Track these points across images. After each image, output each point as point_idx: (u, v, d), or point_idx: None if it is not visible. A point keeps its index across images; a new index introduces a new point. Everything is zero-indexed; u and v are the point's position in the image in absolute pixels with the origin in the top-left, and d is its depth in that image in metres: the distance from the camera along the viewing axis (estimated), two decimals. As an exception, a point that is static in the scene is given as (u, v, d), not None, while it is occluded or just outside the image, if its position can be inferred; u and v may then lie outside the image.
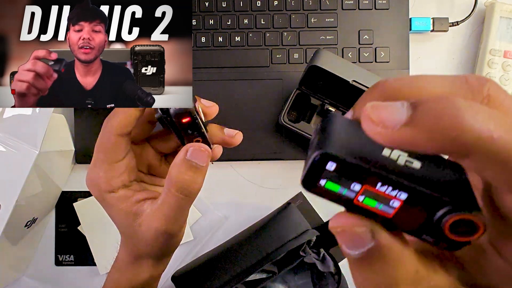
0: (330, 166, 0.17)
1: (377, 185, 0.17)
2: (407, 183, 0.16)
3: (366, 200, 0.17)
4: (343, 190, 0.17)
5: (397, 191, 0.17)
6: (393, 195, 0.17)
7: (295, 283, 0.61)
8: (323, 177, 0.17)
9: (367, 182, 0.17)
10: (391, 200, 0.17)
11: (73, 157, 0.64)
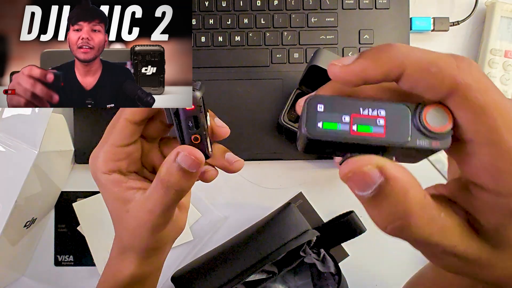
0: (320, 108, 0.21)
1: (360, 110, 0.21)
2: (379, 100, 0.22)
3: (359, 127, 0.21)
4: (338, 125, 0.21)
5: (376, 110, 0.21)
6: (375, 114, 0.21)
7: (295, 283, 0.60)
8: (319, 120, 0.21)
9: (352, 111, 0.21)
10: (376, 120, 0.21)
11: (72, 157, 0.63)
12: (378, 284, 0.64)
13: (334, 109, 0.21)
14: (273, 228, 0.55)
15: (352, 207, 0.62)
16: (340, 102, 0.21)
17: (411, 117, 0.21)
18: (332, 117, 0.21)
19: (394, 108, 0.21)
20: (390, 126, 0.21)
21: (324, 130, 0.21)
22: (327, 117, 0.21)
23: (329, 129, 0.21)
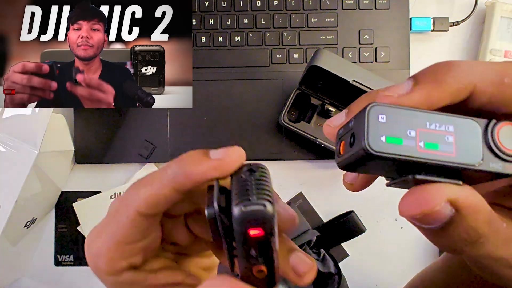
0: (381, 119, 0.18)
1: (427, 125, 0.18)
2: (447, 114, 0.19)
3: (427, 144, 0.18)
4: (404, 141, 0.18)
5: (444, 125, 0.18)
6: (443, 130, 0.18)
7: (295, 283, 0.60)
8: (381, 133, 0.18)
9: (418, 124, 0.18)
10: (445, 136, 0.18)
11: (72, 157, 0.63)
12: (378, 284, 0.64)
13: (398, 121, 0.18)
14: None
15: (352, 207, 0.62)
16: (404, 113, 0.18)
17: (482, 135, 0.19)
18: (396, 130, 0.18)
19: (462, 123, 0.19)
20: (460, 144, 0.18)
21: (388, 145, 0.18)
22: (391, 131, 0.18)
23: (394, 144, 0.18)
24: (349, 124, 0.20)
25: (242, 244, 0.20)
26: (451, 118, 0.19)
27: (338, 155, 0.21)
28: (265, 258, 0.21)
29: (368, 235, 0.59)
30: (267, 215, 0.19)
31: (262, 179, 0.21)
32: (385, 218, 0.65)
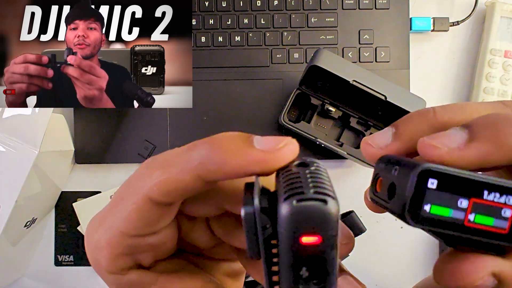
0: (431, 184, 0.15)
1: (484, 194, 0.16)
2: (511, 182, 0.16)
3: (477, 217, 0.16)
4: (451, 211, 0.16)
5: (505, 196, 0.16)
6: (503, 202, 0.16)
7: (295, 283, 0.60)
8: (426, 201, 0.15)
9: (473, 193, 0.16)
10: (502, 209, 0.16)
11: (72, 157, 0.63)
12: (378, 284, 0.64)
13: (450, 187, 0.15)
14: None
15: (352, 207, 0.62)
16: (459, 178, 0.15)
17: None
18: (446, 199, 0.15)
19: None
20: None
21: (430, 216, 0.16)
22: (439, 199, 0.15)
23: (438, 215, 0.16)
24: (391, 171, 0.17)
25: (288, 258, 0.15)
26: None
27: (374, 191, 0.18)
28: (320, 282, 0.15)
29: (368, 235, 0.59)
30: (329, 214, 0.14)
31: (319, 172, 0.16)
32: (385, 218, 0.65)
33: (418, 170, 0.15)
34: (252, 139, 0.18)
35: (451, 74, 0.66)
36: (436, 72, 0.66)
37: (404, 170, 0.16)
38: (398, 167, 0.16)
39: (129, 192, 0.19)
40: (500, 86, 0.62)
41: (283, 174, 0.17)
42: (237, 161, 0.17)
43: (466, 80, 0.66)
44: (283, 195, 0.15)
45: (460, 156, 0.16)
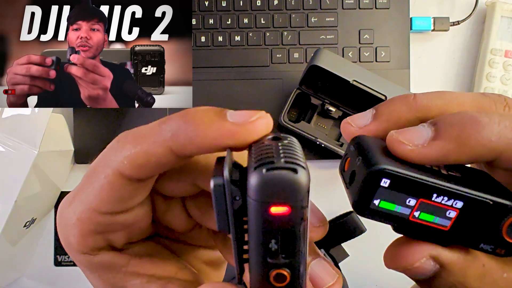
0: (384, 183, 0.16)
1: (433, 197, 0.16)
2: (464, 190, 0.16)
3: (422, 215, 0.17)
4: (398, 208, 0.16)
5: (453, 200, 0.16)
6: (449, 205, 0.16)
7: (295, 283, 0.60)
8: (377, 197, 0.16)
9: (422, 195, 0.16)
10: (447, 210, 0.16)
11: (72, 157, 0.63)
12: (378, 284, 0.64)
13: (402, 187, 0.16)
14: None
15: (352, 207, 0.62)
16: (413, 180, 0.16)
17: (492, 217, 0.16)
18: (396, 197, 0.16)
19: (477, 203, 0.16)
20: (460, 222, 0.17)
21: (378, 209, 0.16)
22: (389, 196, 0.16)
23: (386, 208, 0.16)
24: (356, 160, 0.17)
25: (258, 230, 0.15)
26: (467, 194, 0.16)
27: (342, 168, 0.19)
28: (289, 256, 0.15)
29: (368, 235, 0.59)
30: (298, 183, 0.14)
31: (292, 145, 0.16)
32: (385, 218, 0.64)
33: (372, 169, 0.16)
34: (225, 112, 0.19)
35: (452, 74, 0.66)
36: (436, 72, 0.66)
37: (363, 164, 0.16)
38: (361, 158, 0.17)
39: (100, 167, 0.18)
40: (501, 86, 0.62)
41: (255, 147, 0.16)
42: (209, 134, 0.17)
43: (466, 80, 0.66)
44: (253, 164, 0.15)
45: (423, 154, 0.16)
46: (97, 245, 0.20)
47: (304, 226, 0.15)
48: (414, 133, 0.17)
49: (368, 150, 0.17)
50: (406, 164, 0.17)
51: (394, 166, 0.16)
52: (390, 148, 0.17)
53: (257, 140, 0.17)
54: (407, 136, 0.17)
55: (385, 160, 0.16)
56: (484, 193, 0.16)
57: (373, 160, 0.16)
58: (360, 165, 0.17)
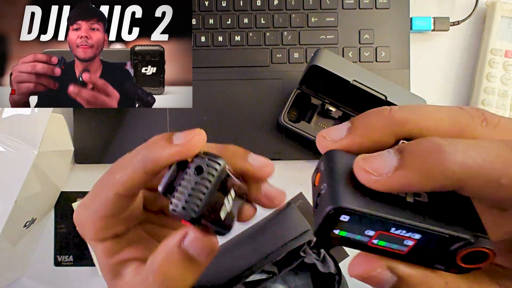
0: (343, 218, 0.17)
1: (391, 229, 0.17)
2: (421, 226, 0.17)
3: (380, 242, 0.18)
4: (356, 237, 0.18)
5: (411, 233, 0.17)
6: (407, 236, 0.17)
7: (295, 283, 0.60)
8: (337, 228, 0.17)
9: (381, 228, 0.17)
10: (404, 240, 0.17)
11: (72, 157, 0.63)
12: (378, 284, 0.64)
13: (361, 223, 0.17)
14: (273, 228, 0.55)
15: (352, 207, 0.62)
16: (371, 218, 0.17)
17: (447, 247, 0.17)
18: (355, 229, 0.17)
19: (434, 236, 0.17)
20: (417, 249, 0.18)
21: (338, 236, 0.18)
22: (348, 228, 0.17)
23: (345, 237, 0.18)
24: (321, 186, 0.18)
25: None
26: (426, 229, 0.17)
27: (313, 181, 0.20)
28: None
29: (368, 235, 0.59)
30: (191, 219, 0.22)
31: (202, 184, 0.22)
32: (385, 218, 0.65)
33: (333, 207, 0.17)
34: (172, 137, 0.24)
35: (452, 74, 0.66)
36: (436, 72, 0.66)
37: (326, 196, 0.18)
38: (326, 185, 0.18)
39: (104, 188, 0.25)
40: (501, 86, 0.62)
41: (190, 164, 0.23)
42: (164, 156, 0.24)
43: (466, 80, 0.66)
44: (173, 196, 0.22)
45: (387, 184, 0.17)
46: (104, 236, 0.26)
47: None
48: (380, 161, 0.17)
49: (333, 178, 0.18)
50: (371, 192, 0.17)
51: (354, 203, 0.17)
52: (356, 175, 0.18)
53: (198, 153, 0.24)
54: (373, 165, 0.17)
55: (346, 196, 0.17)
56: (443, 227, 0.17)
57: (334, 195, 0.17)
58: (324, 195, 0.18)
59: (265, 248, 0.53)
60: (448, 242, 0.17)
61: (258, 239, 0.54)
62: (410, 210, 0.17)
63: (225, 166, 0.24)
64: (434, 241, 0.17)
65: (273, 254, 0.52)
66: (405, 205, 0.17)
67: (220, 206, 0.24)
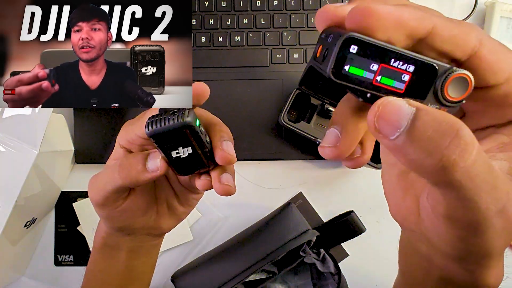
0: (353, 49, 0.20)
1: (391, 62, 0.20)
2: (415, 55, 0.20)
3: (382, 79, 0.20)
4: (364, 73, 0.20)
5: (407, 65, 0.20)
6: (404, 69, 0.20)
7: (295, 283, 0.60)
8: (347, 63, 0.20)
9: (383, 60, 0.20)
10: (402, 74, 0.20)
11: (72, 157, 0.63)
12: (378, 284, 0.64)
13: (367, 53, 0.20)
14: (273, 228, 0.55)
15: (352, 207, 0.62)
16: (375, 47, 0.20)
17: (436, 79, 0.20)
18: (362, 62, 0.20)
19: (424, 66, 0.20)
20: (412, 84, 0.20)
21: (348, 74, 0.20)
22: (357, 62, 0.20)
23: (354, 74, 0.20)
24: (327, 39, 0.21)
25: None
26: (416, 59, 0.20)
27: (314, 56, 0.23)
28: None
29: (368, 235, 0.59)
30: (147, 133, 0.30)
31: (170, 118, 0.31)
32: (385, 218, 0.65)
33: (343, 37, 0.19)
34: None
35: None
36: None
37: (335, 37, 0.20)
38: (332, 35, 0.21)
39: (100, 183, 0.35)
40: (500, 86, 0.62)
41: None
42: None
43: (466, 80, 0.66)
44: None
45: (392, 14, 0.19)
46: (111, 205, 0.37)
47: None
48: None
49: (337, 30, 0.21)
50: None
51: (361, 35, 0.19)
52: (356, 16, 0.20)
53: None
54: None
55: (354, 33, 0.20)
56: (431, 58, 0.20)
57: (343, 32, 0.20)
58: (333, 39, 0.20)
59: (265, 248, 0.53)
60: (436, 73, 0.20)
61: (258, 239, 0.54)
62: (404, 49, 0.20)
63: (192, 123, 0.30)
64: (425, 74, 0.20)
65: (273, 254, 0.52)
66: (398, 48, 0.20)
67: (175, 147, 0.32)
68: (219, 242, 0.59)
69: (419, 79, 0.20)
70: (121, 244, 0.42)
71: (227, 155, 0.33)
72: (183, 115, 0.30)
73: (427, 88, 0.21)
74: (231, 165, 0.34)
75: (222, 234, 0.65)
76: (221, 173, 0.33)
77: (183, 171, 0.33)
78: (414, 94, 0.20)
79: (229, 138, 0.35)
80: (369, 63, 0.20)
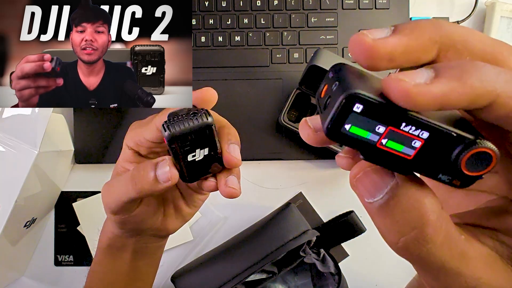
0: (357, 108, 0.17)
1: (402, 125, 0.17)
2: (431, 122, 0.17)
3: (389, 143, 0.17)
4: (367, 134, 0.17)
5: (420, 131, 0.17)
6: (416, 135, 0.17)
7: (295, 283, 0.60)
8: (348, 122, 0.17)
9: (392, 123, 0.17)
10: (413, 140, 0.17)
11: (72, 157, 0.63)
12: (378, 284, 0.64)
13: (374, 115, 0.17)
14: (273, 228, 0.55)
15: (352, 207, 0.62)
16: (384, 109, 0.17)
17: (454, 150, 0.17)
18: (366, 123, 0.17)
19: (442, 134, 0.17)
20: (423, 152, 0.17)
21: (348, 134, 0.17)
22: (360, 122, 0.17)
23: (355, 134, 0.17)
24: (333, 85, 0.18)
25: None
26: (433, 126, 0.17)
27: (319, 95, 0.20)
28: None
29: (368, 235, 0.59)
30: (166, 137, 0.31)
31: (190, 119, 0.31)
32: (385, 218, 0.64)
33: (347, 93, 0.16)
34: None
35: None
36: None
37: (339, 88, 0.17)
38: (338, 83, 0.18)
39: (114, 193, 0.36)
40: (500, 86, 0.62)
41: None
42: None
43: (466, 80, 0.66)
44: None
45: (425, 90, 0.16)
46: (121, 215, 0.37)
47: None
48: (415, 74, 0.16)
49: (346, 76, 0.18)
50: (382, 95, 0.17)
51: (368, 92, 0.16)
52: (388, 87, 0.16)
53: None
54: (408, 75, 0.16)
55: (360, 85, 0.17)
56: (450, 126, 0.17)
57: (349, 84, 0.17)
58: (336, 90, 0.17)
59: (265, 248, 0.53)
60: (454, 143, 0.17)
61: (258, 239, 0.54)
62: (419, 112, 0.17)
63: (213, 123, 0.31)
64: (441, 143, 0.17)
65: (273, 254, 0.52)
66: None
67: (193, 150, 0.32)
68: (219, 242, 0.59)
69: (432, 147, 0.17)
70: (126, 245, 0.42)
71: (233, 159, 0.33)
72: (205, 115, 0.31)
73: (440, 157, 0.17)
74: (237, 168, 0.35)
75: (222, 234, 0.65)
76: (227, 176, 0.34)
77: (193, 176, 0.34)
78: (423, 163, 0.18)
79: (236, 141, 0.34)
80: (375, 125, 0.17)
